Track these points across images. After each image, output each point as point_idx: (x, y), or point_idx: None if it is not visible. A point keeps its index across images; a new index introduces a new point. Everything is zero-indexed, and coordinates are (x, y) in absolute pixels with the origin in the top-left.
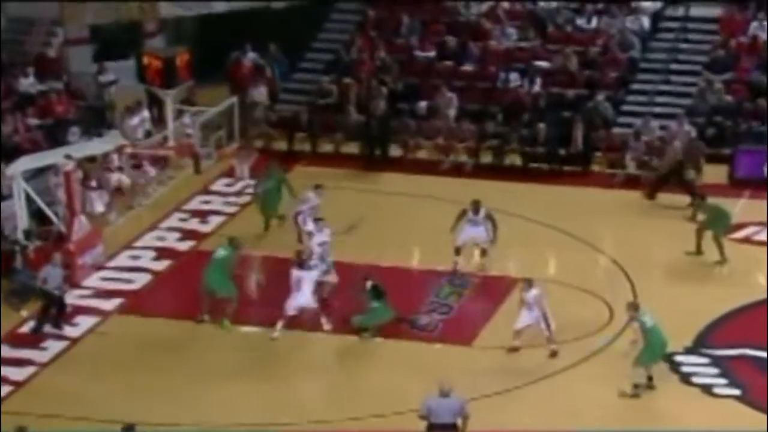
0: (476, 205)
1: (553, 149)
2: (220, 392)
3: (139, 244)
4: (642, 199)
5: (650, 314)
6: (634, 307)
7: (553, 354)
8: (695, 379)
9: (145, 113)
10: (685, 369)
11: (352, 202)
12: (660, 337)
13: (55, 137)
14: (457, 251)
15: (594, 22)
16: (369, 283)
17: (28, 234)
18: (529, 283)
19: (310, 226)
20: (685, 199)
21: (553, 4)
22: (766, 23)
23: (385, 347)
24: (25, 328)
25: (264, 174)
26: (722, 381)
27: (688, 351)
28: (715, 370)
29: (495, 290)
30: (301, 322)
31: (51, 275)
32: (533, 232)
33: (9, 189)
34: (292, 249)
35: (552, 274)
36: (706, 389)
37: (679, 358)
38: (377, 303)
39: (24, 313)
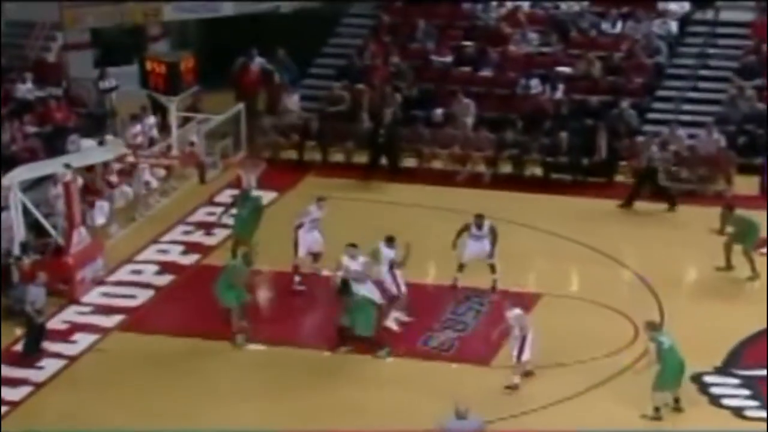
0: (480, 220)
1: (576, 159)
2: (226, 412)
3: (141, 257)
4: (619, 208)
5: (670, 335)
6: (652, 326)
7: (509, 387)
8: (725, 401)
9: (151, 119)
10: (714, 390)
11: (364, 215)
12: (676, 361)
13: (53, 146)
14: (460, 267)
15: (618, 26)
16: (338, 279)
17: (24, 247)
18: (512, 301)
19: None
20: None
21: (576, 7)
22: None
23: (399, 366)
24: (20, 347)
25: (240, 198)
26: (753, 403)
27: (718, 371)
28: (746, 392)
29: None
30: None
31: (32, 295)
32: (555, 246)
33: (5, 200)
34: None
35: (574, 290)
36: (737, 412)
37: (708, 379)
38: (355, 296)
39: (19, 331)
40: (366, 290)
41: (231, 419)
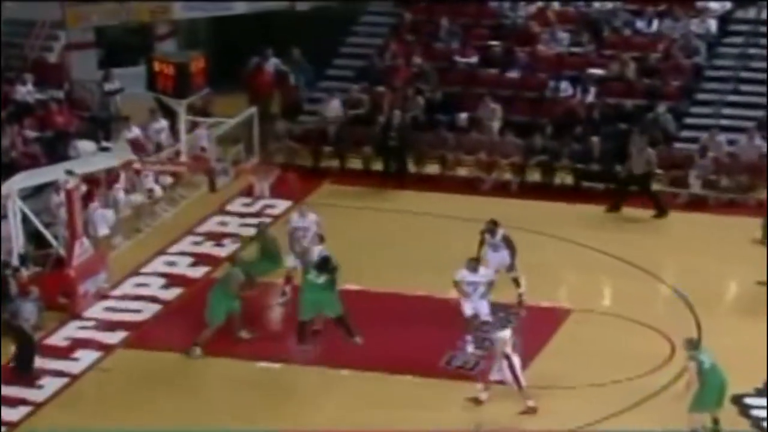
0: (491, 226)
1: (609, 166)
2: None
3: (147, 270)
4: (655, 216)
5: (710, 353)
6: (692, 344)
7: (475, 400)
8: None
9: (161, 123)
10: (755, 413)
11: (382, 224)
12: (718, 381)
13: (55, 151)
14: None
15: (655, 25)
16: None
17: (23, 258)
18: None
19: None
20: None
21: (609, 5)
22: None
23: (419, 386)
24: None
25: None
26: None
27: (760, 393)
28: None
29: (543, 323)
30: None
31: (22, 310)
32: (586, 259)
33: (4, 209)
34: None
35: (607, 305)
36: None
37: (749, 401)
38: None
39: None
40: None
41: None
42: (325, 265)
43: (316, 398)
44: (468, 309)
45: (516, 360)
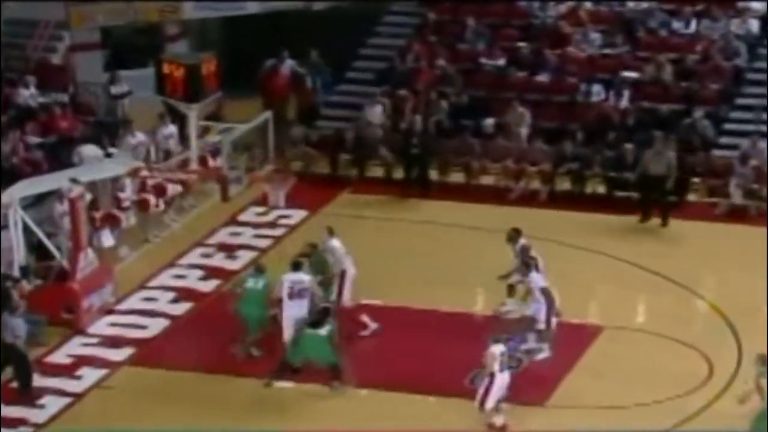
0: (513, 233)
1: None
2: None
3: (154, 283)
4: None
5: None
6: (763, 360)
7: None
8: None
9: (169, 129)
10: None
11: (404, 236)
12: None
13: (58, 158)
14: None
15: (692, 26)
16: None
17: (25, 270)
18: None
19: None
20: None
21: (645, 5)
22: None
23: (442, 406)
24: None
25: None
26: None
27: None
28: None
29: (573, 340)
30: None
31: (12, 326)
32: (619, 272)
33: (5, 218)
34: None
35: (641, 322)
36: None
37: None
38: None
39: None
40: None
41: None
42: (324, 316)
43: (332, 419)
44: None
45: (500, 381)
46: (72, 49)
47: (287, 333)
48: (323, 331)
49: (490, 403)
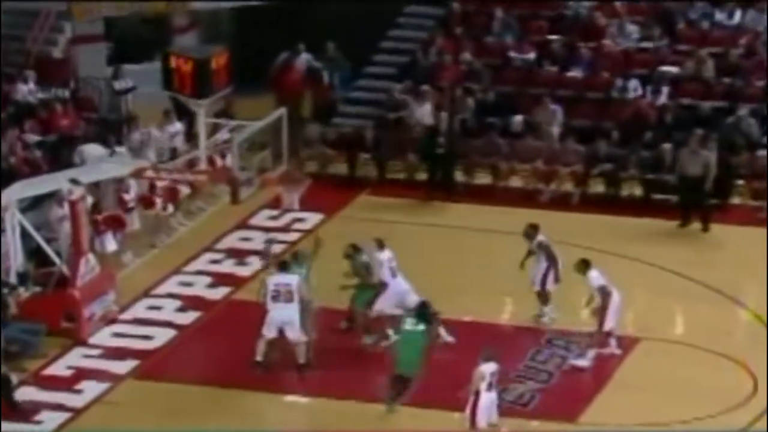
0: (529, 230)
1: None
2: None
3: (160, 291)
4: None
5: None
6: None
7: None
8: None
9: (176, 126)
10: None
11: (426, 242)
12: None
13: (58, 157)
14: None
15: (736, 17)
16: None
17: (22, 277)
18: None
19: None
20: None
21: None
22: None
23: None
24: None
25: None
26: None
27: None
28: None
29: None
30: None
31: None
32: (657, 280)
33: (2, 222)
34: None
35: (680, 333)
36: None
37: None
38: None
39: (13, 377)
40: None
41: None
42: (424, 311)
43: None
44: None
45: (486, 401)
46: (74, 41)
47: (268, 335)
48: (421, 326)
49: (482, 423)
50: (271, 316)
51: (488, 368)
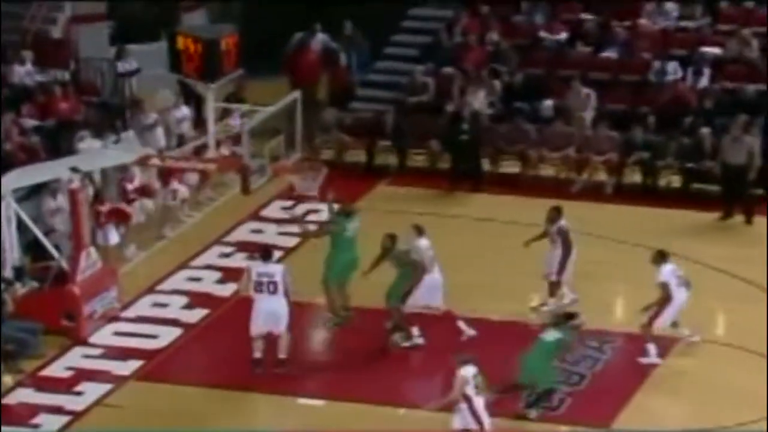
0: (553, 214)
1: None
2: None
3: (165, 287)
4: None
5: None
6: None
7: None
8: None
9: (183, 111)
10: None
11: (450, 234)
12: None
13: (57, 144)
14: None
15: None
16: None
17: (19, 272)
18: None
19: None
20: None
21: None
22: None
23: (496, 429)
24: (11, 399)
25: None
26: None
27: None
28: None
29: (643, 354)
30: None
31: None
32: (697, 277)
33: None
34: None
35: (720, 334)
36: None
37: None
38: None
39: (8, 379)
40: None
41: None
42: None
43: None
44: None
45: (478, 401)
46: (74, 20)
47: (255, 331)
48: (550, 336)
49: (488, 424)
50: (257, 308)
51: (468, 371)
